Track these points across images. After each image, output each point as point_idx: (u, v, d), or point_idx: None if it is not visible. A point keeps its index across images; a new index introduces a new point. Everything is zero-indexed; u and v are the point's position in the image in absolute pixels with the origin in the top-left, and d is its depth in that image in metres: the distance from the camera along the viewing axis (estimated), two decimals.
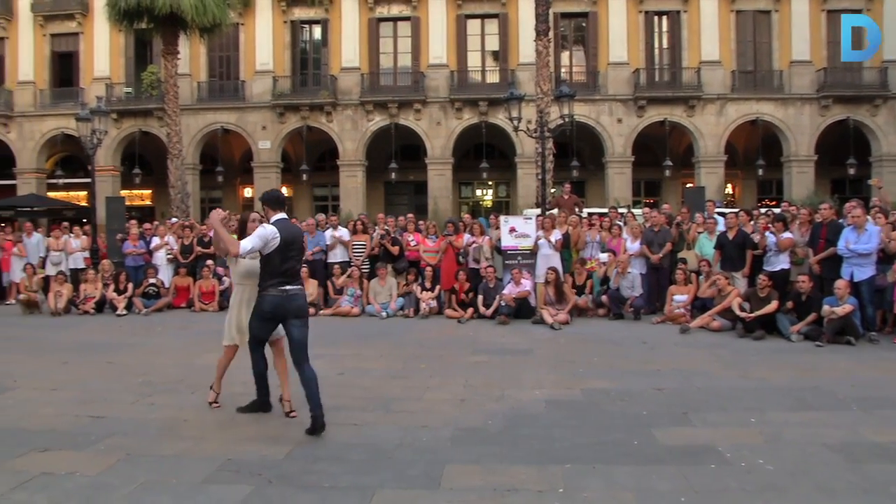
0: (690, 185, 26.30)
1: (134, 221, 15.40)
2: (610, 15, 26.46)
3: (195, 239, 14.16)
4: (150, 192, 31.45)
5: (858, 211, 9.55)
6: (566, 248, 12.25)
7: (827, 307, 8.97)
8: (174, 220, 17.99)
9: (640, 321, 11.13)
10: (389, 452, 4.78)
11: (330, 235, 13.34)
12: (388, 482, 4.25)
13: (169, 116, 22.47)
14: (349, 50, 27.34)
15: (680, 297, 11.03)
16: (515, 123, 15.11)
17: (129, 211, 21.23)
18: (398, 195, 30.63)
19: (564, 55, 27.54)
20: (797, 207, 12.64)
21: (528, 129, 15.88)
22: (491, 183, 31.06)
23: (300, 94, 27.73)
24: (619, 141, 26.51)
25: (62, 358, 8.46)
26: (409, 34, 27.45)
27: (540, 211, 14.50)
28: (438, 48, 27.01)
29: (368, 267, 13.00)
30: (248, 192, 30.67)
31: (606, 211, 14.36)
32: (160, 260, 14.09)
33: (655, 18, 26.98)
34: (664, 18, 26.98)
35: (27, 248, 15.03)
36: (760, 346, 8.96)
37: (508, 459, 4.63)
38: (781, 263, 10.50)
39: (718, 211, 13.68)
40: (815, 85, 25.90)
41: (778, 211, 12.73)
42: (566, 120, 15.22)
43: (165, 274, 13.91)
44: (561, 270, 11.54)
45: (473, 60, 27.56)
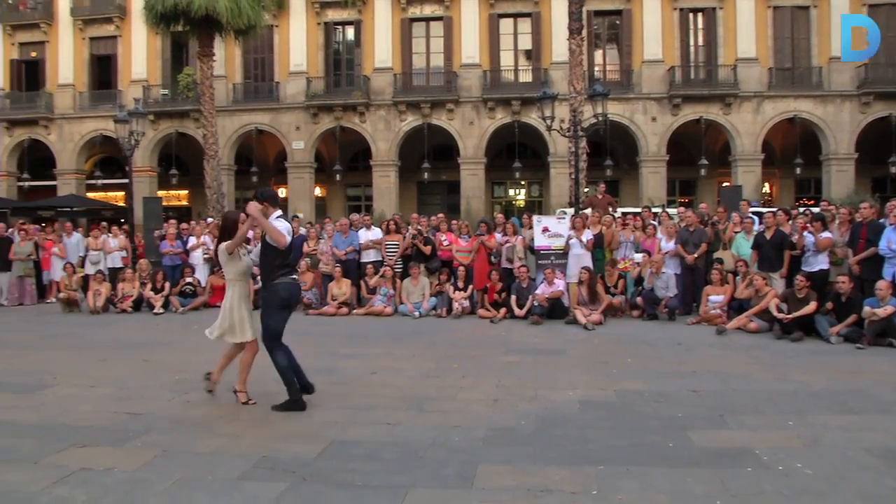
0: (727, 184, 25.95)
1: (173, 221, 15.66)
2: (644, 12, 26.22)
3: None
4: (186, 192, 31.96)
5: None
6: (599, 247, 12.16)
7: (868, 308, 8.77)
8: (210, 219, 18.24)
9: (674, 322, 11.01)
10: (422, 452, 4.79)
11: (363, 235, 13.40)
12: (421, 481, 4.25)
13: (205, 118, 22.79)
14: (382, 50, 27.47)
15: (716, 297, 10.87)
16: (548, 123, 15.03)
17: (165, 211, 21.61)
18: (431, 195, 30.70)
19: (598, 53, 27.36)
20: (836, 206, 12.38)
21: (561, 128, 15.80)
22: (524, 182, 30.99)
23: (333, 94, 27.94)
24: (653, 140, 26.25)
25: (101, 355, 8.63)
26: (441, 34, 27.50)
27: (574, 210, 14.42)
28: (471, 48, 27.01)
29: (401, 267, 13.04)
30: (282, 192, 30.94)
31: (640, 210, 14.23)
32: (197, 259, 14.29)
33: (690, 15, 26.67)
34: (699, 15, 26.65)
35: (67, 247, 15.38)
36: (799, 347, 8.80)
37: (541, 460, 4.61)
38: (820, 264, 10.30)
39: (753, 210, 13.47)
40: (855, 81, 25.38)
41: (817, 210, 12.48)
42: (600, 119, 15.10)
43: (202, 273, 14.10)
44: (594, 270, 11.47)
45: (506, 60, 27.51)
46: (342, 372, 7.54)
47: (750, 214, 12.35)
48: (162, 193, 29.17)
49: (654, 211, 14.41)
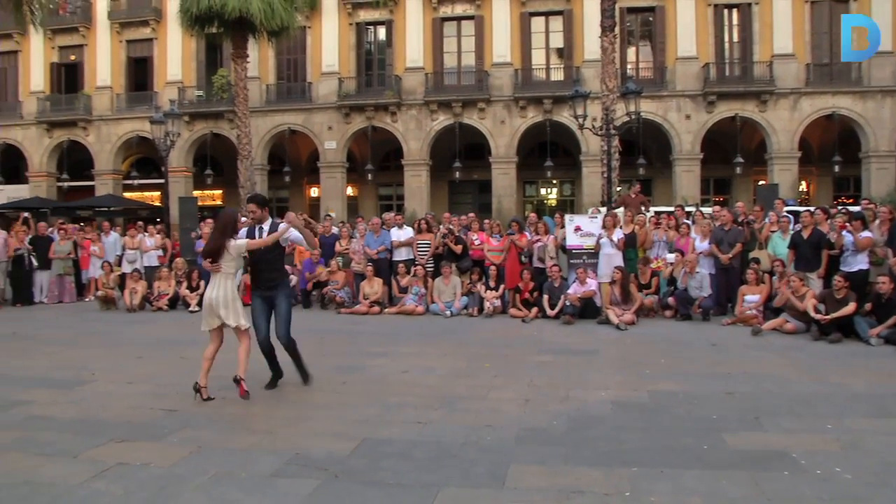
0: (762, 182, 25.53)
1: (208, 220, 15.85)
2: (678, 9, 25.92)
3: None
4: (220, 192, 32.37)
5: None
6: (631, 247, 12.06)
7: None
8: (244, 219, 18.43)
9: (708, 322, 10.86)
10: (454, 451, 4.79)
11: (395, 235, 13.43)
12: (452, 481, 4.25)
13: (239, 118, 23.05)
14: (413, 50, 27.55)
15: (752, 297, 10.70)
16: (580, 121, 14.95)
17: (200, 210, 21.89)
18: (462, 194, 30.72)
19: (631, 51, 27.12)
20: (877, 205, 12.10)
21: (593, 126, 15.70)
22: (555, 182, 30.85)
23: (365, 94, 28.09)
24: (687, 138, 25.94)
25: (137, 353, 8.78)
26: (472, 33, 27.49)
27: (606, 209, 14.31)
28: (502, 46, 26.96)
29: (433, 266, 13.06)
30: (314, 191, 31.23)
31: (673, 210, 14.07)
32: None
33: (725, 11, 26.31)
34: (734, 11, 26.28)
35: (105, 246, 15.68)
36: (837, 349, 8.63)
37: (573, 461, 4.58)
38: (859, 264, 10.09)
39: (790, 209, 13.23)
40: None
41: (856, 209, 12.22)
42: (633, 117, 14.98)
43: None
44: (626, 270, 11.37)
45: (538, 58, 27.41)
46: (373, 370, 7.58)
47: (785, 213, 12.14)
48: (197, 193, 29.62)
49: (687, 210, 14.23)
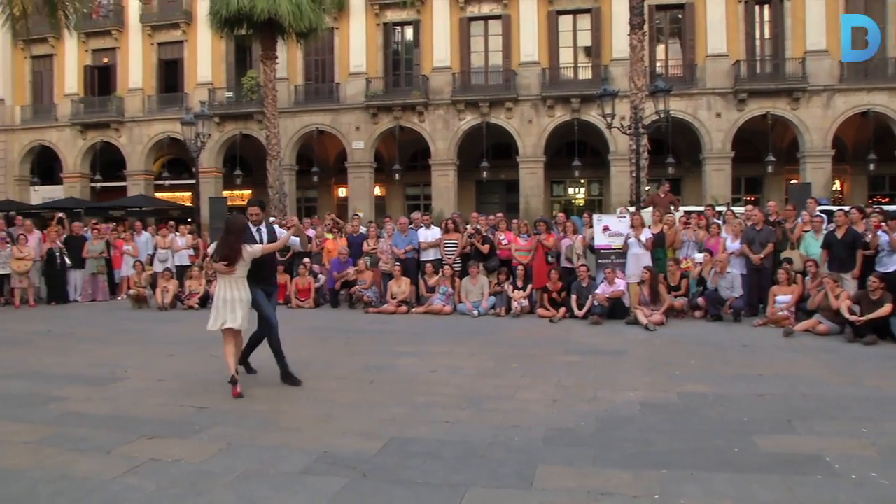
0: (795, 181, 25.11)
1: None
2: (708, 6, 25.62)
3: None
4: (249, 192, 32.62)
5: None
6: (660, 247, 11.94)
7: None
8: (272, 219, 18.61)
9: (739, 323, 10.72)
10: (481, 451, 4.78)
11: (423, 235, 13.44)
12: (479, 480, 4.25)
13: (268, 119, 23.26)
14: (440, 50, 27.58)
15: (783, 297, 10.54)
16: (609, 120, 14.85)
17: (230, 210, 22.13)
18: (490, 194, 30.69)
19: (660, 49, 26.88)
20: None
21: (621, 125, 15.58)
22: (583, 181, 30.69)
23: (393, 94, 28.18)
24: (717, 136, 25.63)
25: (168, 351, 8.89)
26: (499, 32, 27.44)
27: (635, 209, 14.19)
28: (530, 46, 26.88)
29: (460, 265, 13.06)
30: (342, 191, 31.41)
31: (703, 209, 13.91)
32: None
33: (756, 8, 25.93)
34: (766, 7, 25.89)
35: (137, 246, 15.92)
36: (872, 351, 8.46)
37: (602, 462, 4.55)
38: (895, 264, 9.88)
39: (823, 209, 13.01)
40: None
41: (892, 208, 11.98)
42: (662, 116, 14.84)
43: None
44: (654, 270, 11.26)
45: (565, 57, 27.27)
46: (401, 369, 7.60)
47: (818, 213, 11.94)
48: (227, 193, 29.96)
49: (718, 209, 14.06)
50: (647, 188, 17.87)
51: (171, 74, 31.14)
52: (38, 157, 32.83)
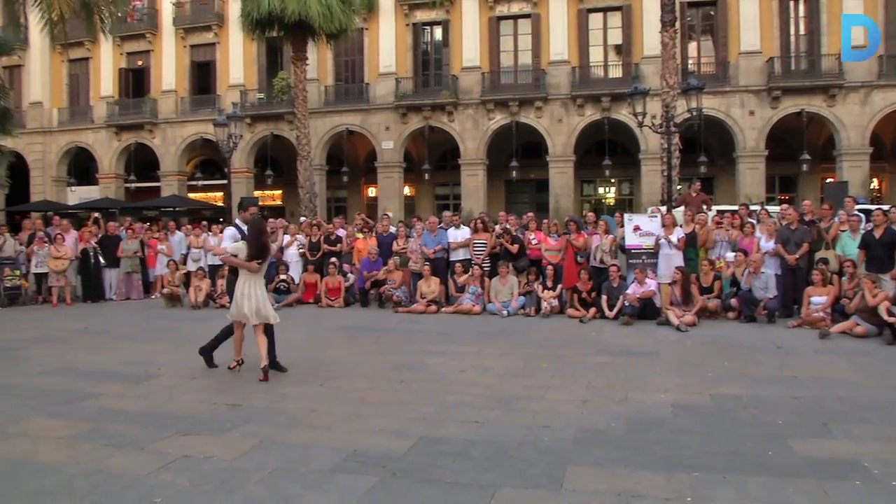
0: (831, 180, 24.65)
1: (271, 220, 16.16)
2: (741, 2, 25.24)
3: (322, 237, 14.69)
4: (280, 192, 33.01)
5: None
6: (692, 247, 11.80)
7: None
8: (303, 218, 18.76)
9: (774, 324, 10.54)
10: (511, 451, 4.77)
11: (452, 234, 13.44)
12: (509, 481, 4.23)
13: (298, 120, 23.46)
14: (470, 49, 27.55)
15: (818, 299, 10.34)
16: (640, 119, 14.70)
17: (261, 210, 22.35)
18: (519, 193, 30.60)
19: (692, 46, 26.54)
20: None
21: (653, 124, 15.41)
22: (613, 180, 30.47)
23: (422, 94, 28.22)
24: (751, 134, 25.25)
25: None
26: (529, 31, 27.34)
27: (666, 208, 14.03)
28: (559, 44, 26.73)
29: (489, 265, 13.03)
30: (371, 191, 31.54)
31: (736, 208, 13.71)
32: (291, 257, 14.72)
33: (791, 4, 25.48)
34: (801, 3, 25.43)
35: (171, 245, 16.16)
36: None
37: (633, 464, 4.51)
38: None
39: (860, 208, 12.73)
40: None
41: None
42: (694, 114, 14.65)
43: (296, 270, 14.52)
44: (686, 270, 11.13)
45: (595, 55, 27.09)
46: (431, 369, 7.61)
47: (856, 212, 11.69)
48: (258, 193, 30.32)
49: (752, 209, 13.85)
50: (678, 187, 17.68)
51: (203, 76, 31.54)
52: (74, 158, 33.48)
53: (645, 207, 21.37)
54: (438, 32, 28.75)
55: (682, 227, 11.89)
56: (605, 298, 11.40)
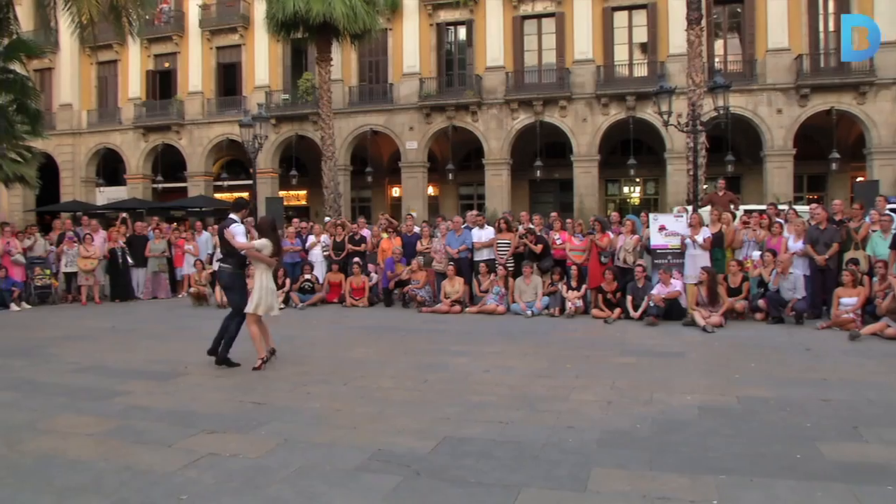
0: (861, 178, 24.25)
1: (296, 220, 16.30)
2: None
3: (347, 237, 14.75)
4: (305, 192, 33.21)
5: None
6: (718, 247, 11.67)
7: None
8: (328, 218, 18.86)
9: (802, 326, 10.39)
10: (535, 452, 4.75)
11: (477, 234, 13.41)
12: (533, 481, 4.22)
13: (323, 120, 23.60)
14: (494, 49, 27.52)
15: (848, 300, 10.16)
16: (665, 118, 14.57)
17: (286, 210, 22.52)
18: (543, 193, 30.51)
19: (718, 44, 26.30)
20: None
21: (678, 123, 15.26)
22: (638, 180, 30.28)
23: (446, 94, 28.23)
24: (778, 133, 24.93)
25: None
26: (553, 30, 27.24)
27: (692, 208, 13.90)
28: (584, 43, 26.60)
29: (513, 265, 12.99)
30: (395, 191, 31.62)
31: (764, 208, 13.53)
32: (315, 257, 14.79)
33: (820, 0, 25.08)
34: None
35: (197, 245, 16.32)
36: None
37: (658, 466, 4.46)
38: None
39: (892, 207, 12.50)
40: None
41: None
42: (720, 112, 14.49)
43: (320, 270, 14.59)
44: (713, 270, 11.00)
45: (620, 54, 26.93)
46: (455, 369, 7.60)
47: (888, 211, 11.48)
48: (283, 193, 30.54)
49: (780, 208, 13.66)
50: (704, 187, 17.50)
51: (229, 78, 31.85)
52: (103, 159, 34.00)
53: (670, 207, 21.18)
54: (462, 32, 28.75)
55: (708, 226, 11.75)
56: (630, 299, 11.32)
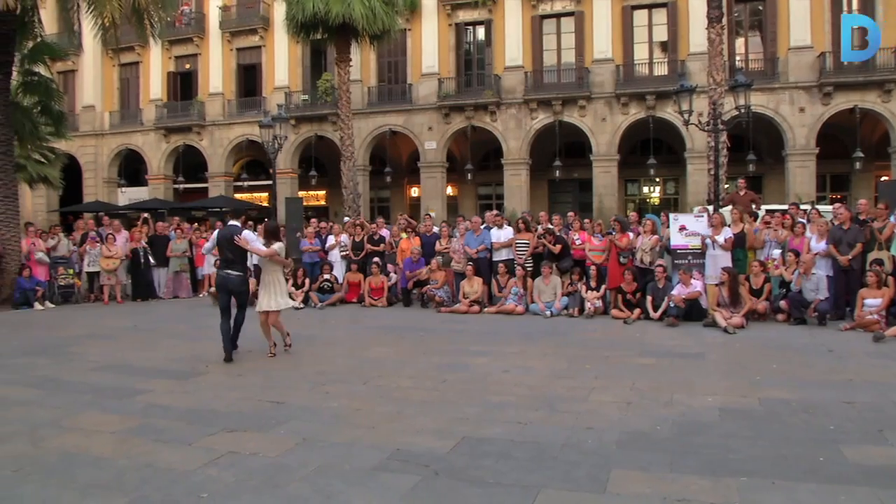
0: (885, 178, 23.89)
1: (315, 220, 16.38)
2: None
3: (366, 237, 14.79)
4: (324, 192, 33.33)
5: None
6: (740, 247, 11.55)
7: None
8: (347, 218, 18.91)
9: (825, 327, 10.26)
10: (554, 452, 4.73)
11: (496, 234, 13.39)
12: (552, 482, 4.20)
13: (342, 121, 23.66)
14: (512, 49, 27.46)
15: (872, 301, 10.02)
16: (686, 117, 14.45)
17: (305, 211, 22.60)
18: (562, 193, 30.39)
19: (739, 42, 26.06)
20: None
21: (699, 122, 15.14)
22: (658, 180, 30.06)
23: (465, 94, 28.21)
24: (801, 132, 24.65)
25: (247, 346, 9.11)
26: (572, 30, 27.13)
27: (713, 208, 13.78)
28: (603, 42, 26.47)
29: (532, 265, 12.96)
30: (414, 191, 31.66)
31: (786, 208, 13.38)
32: (335, 257, 14.85)
33: None
34: None
35: None
36: None
37: (678, 468, 4.43)
38: None
39: None
40: None
41: None
42: (742, 111, 14.35)
43: (339, 270, 14.65)
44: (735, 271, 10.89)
45: (640, 53, 26.75)
46: (473, 369, 7.59)
47: None
48: (302, 194, 30.65)
49: (803, 208, 13.50)
50: (725, 186, 17.35)
51: (249, 79, 32.06)
52: (124, 160, 34.36)
53: (691, 207, 21.03)
54: (481, 32, 28.71)
55: (730, 226, 11.64)
56: (649, 299, 11.25)
